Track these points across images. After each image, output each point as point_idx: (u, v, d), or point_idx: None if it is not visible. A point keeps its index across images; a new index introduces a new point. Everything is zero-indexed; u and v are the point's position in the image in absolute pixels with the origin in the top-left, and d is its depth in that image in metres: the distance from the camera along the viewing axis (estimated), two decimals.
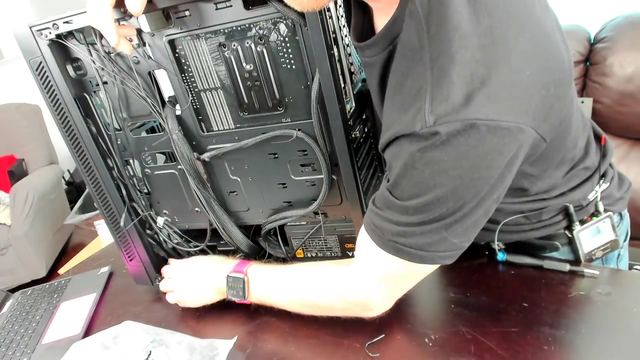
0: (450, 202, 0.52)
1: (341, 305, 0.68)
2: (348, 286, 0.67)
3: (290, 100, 0.67)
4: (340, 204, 0.73)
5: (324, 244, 0.78)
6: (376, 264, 0.62)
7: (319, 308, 0.71)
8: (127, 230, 0.83)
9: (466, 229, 0.55)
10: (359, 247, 0.64)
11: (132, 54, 0.69)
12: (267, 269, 0.75)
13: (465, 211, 0.53)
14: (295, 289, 0.72)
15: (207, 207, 0.77)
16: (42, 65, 0.71)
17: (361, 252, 0.64)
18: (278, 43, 0.63)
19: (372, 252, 0.61)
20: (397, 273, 0.62)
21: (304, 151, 0.70)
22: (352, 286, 0.66)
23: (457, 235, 0.56)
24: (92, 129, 0.76)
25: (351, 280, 0.66)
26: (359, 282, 0.65)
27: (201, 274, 0.80)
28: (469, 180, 0.50)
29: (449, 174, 0.50)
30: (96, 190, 0.81)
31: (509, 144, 0.49)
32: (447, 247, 0.56)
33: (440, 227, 0.54)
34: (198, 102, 0.71)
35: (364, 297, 0.66)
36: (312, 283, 0.71)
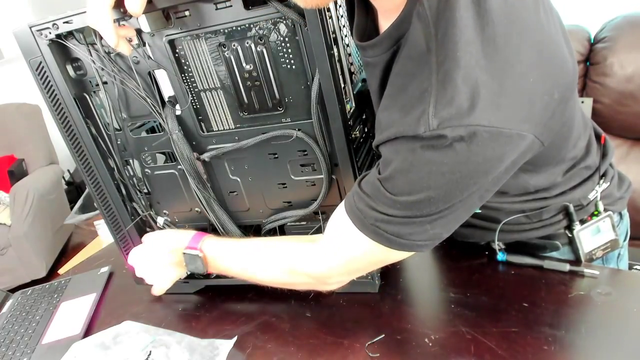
0: (440, 203, 0.52)
1: (300, 279, 0.69)
2: (310, 261, 0.67)
3: (290, 100, 0.67)
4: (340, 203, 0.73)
5: None
6: (349, 244, 0.62)
7: (277, 282, 0.73)
8: (127, 230, 0.83)
9: (450, 222, 0.56)
10: (333, 224, 0.64)
11: (132, 54, 0.68)
12: (221, 244, 0.76)
13: (453, 209, 0.54)
14: (253, 263, 0.73)
15: (207, 207, 0.77)
16: (42, 65, 0.71)
17: (334, 230, 0.64)
18: (278, 43, 0.63)
19: (347, 232, 0.60)
20: (368, 255, 0.61)
21: (304, 151, 0.70)
22: (314, 261, 0.67)
23: (439, 227, 0.56)
24: (92, 129, 0.76)
25: (314, 255, 0.67)
26: (323, 257, 0.66)
27: (158, 254, 0.80)
28: (463, 185, 0.50)
29: (446, 177, 0.50)
30: (96, 190, 0.81)
31: (510, 152, 0.49)
32: (427, 237, 0.57)
33: (425, 221, 0.55)
34: (198, 102, 0.71)
35: (325, 272, 0.66)
36: (270, 257, 0.71)
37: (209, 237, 0.77)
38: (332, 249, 0.64)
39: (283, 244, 0.72)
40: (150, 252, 0.80)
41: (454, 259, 0.82)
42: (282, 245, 0.72)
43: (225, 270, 0.76)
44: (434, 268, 0.79)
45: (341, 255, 0.64)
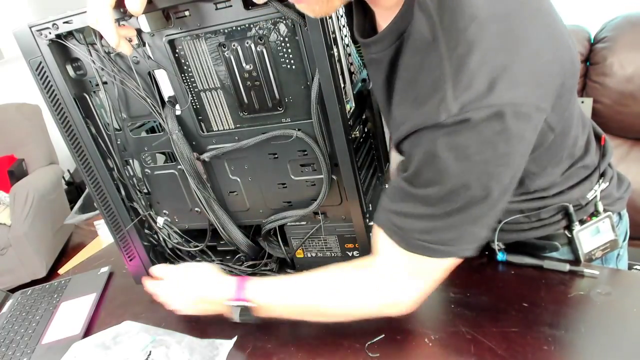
0: (473, 190, 0.52)
1: (374, 308, 0.66)
2: (378, 288, 0.64)
3: (290, 100, 0.67)
4: (340, 204, 0.73)
5: (324, 244, 0.78)
6: (403, 264, 0.61)
7: (348, 315, 0.67)
8: (127, 231, 0.83)
9: (488, 218, 0.56)
10: (380, 250, 0.63)
11: (132, 54, 0.68)
12: (269, 285, 0.71)
13: (487, 199, 0.53)
14: (315, 298, 0.68)
15: (207, 207, 0.77)
16: (42, 65, 0.71)
17: (384, 254, 0.62)
18: (278, 43, 0.63)
19: (396, 254, 0.60)
20: (425, 269, 0.61)
21: (303, 151, 0.70)
22: (383, 288, 0.64)
23: (480, 226, 0.56)
24: (92, 129, 0.76)
25: (380, 282, 0.64)
26: (388, 283, 0.63)
27: (201, 295, 0.75)
28: (492, 167, 0.50)
29: (473, 160, 0.50)
30: (96, 190, 0.81)
31: (530, 129, 0.50)
32: (471, 239, 0.57)
33: (464, 218, 0.54)
34: (198, 102, 0.71)
35: (397, 297, 0.64)
36: (335, 290, 0.67)
37: (251, 280, 0.71)
38: (392, 272, 0.63)
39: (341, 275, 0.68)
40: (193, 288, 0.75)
41: None
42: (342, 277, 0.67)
43: (281, 312, 0.70)
44: None
45: (402, 275, 0.62)
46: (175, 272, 0.79)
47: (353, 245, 0.76)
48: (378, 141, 0.82)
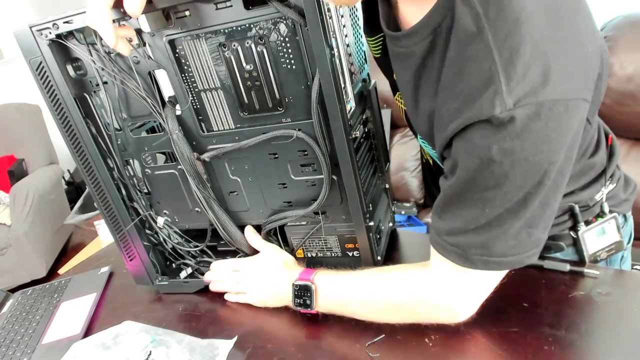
0: (530, 190, 0.51)
1: (426, 310, 0.65)
2: (435, 291, 0.64)
3: (290, 100, 0.67)
4: (340, 204, 0.73)
5: (324, 243, 0.78)
6: (463, 279, 0.61)
7: (399, 313, 0.67)
8: (127, 230, 0.83)
9: (544, 218, 0.55)
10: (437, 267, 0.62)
11: (132, 54, 0.69)
12: (337, 276, 0.71)
13: (543, 199, 0.52)
14: (374, 294, 0.68)
15: (207, 207, 0.77)
16: (42, 65, 0.71)
17: (443, 269, 0.62)
18: (278, 43, 0.63)
19: (455, 270, 0.59)
20: (486, 281, 0.61)
21: (304, 151, 0.70)
22: (439, 292, 0.63)
23: (538, 228, 0.55)
24: (92, 129, 0.76)
25: (438, 286, 0.63)
26: (446, 288, 0.63)
27: (269, 279, 0.77)
28: (547, 165, 0.49)
29: (530, 161, 0.49)
30: (96, 190, 0.81)
31: (580, 121, 0.50)
32: (532, 244, 0.56)
33: (522, 223, 0.53)
34: (198, 102, 0.71)
35: (452, 304, 0.63)
36: (394, 288, 0.67)
37: (322, 270, 0.73)
38: (452, 280, 0.62)
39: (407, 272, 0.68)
40: (264, 272, 0.78)
41: None
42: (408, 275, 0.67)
43: (338, 304, 0.70)
44: None
45: (461, 285, 0.62)
46: (252, 264, 0.79)
47: (353, 246, 0.76)
48: (378, 141, 0.82)
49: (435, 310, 0.64)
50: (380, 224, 0.80)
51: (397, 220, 1.25)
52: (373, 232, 0.74)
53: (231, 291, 0.82)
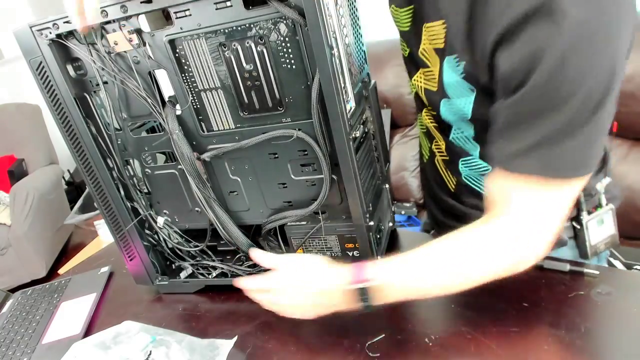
0: (602, 90, 0.52)
1: (511, 261, 0.62)
2: (518, 237, 0.60)
3: (290, 100, 0.67)
4: (340, 203, 0.73)
5: (324, 243, 0.78)
6: (539, 201, 0.58)
7: (481, 280, 0.62)
8: (127, 230, 0.83)
9: (606, 127, 0.56)
10: (511, 198, 0.60)
11: (132, 54, 0.69)
12: (389, 262, 0.64)
13: (608, 104, 0.53)
14: (452, 277, 0.63)
15: (207, 207, 0.77)
16: (43, 65, 0.71)
17: (518, 200, 0.60)
18: (278, 43, 0.63)
19: (529, 193, 0.58)
20: (564, 200, 0.59)
21: (304, 151, 0.70)
22: (522, 235, 0.60)
23: (603, 135, 0.56)
24: (92, 129, 0.76)
25: (520, 229, 0.60)
26: (527, 229, 0.60)
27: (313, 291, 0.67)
28: (616, 60, 0.52)
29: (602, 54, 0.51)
30: (96, 190, 0.81)
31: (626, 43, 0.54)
32: (596, 154, 0.57)
33: (592, 128, 0.54)
34: (198, 102, 0.71)
35: (535, 243, 0.60)
36: (473, 261, 0.62)
37: (368, 263, 0.65)
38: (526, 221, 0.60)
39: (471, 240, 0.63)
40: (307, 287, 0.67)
41: None
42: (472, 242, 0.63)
43: (413, 289, 0.64)
44: None
45: (534, 218, 0.59)
46: (286, 262, 0.70)
47: (353, 245, 0.76)
48: (378, 141, 0.82)
49: (520, 256, 0.62)
50: (380, 224, 0.80)
51: (397, 220, 1.24)
52: (373, 232, 0.74)
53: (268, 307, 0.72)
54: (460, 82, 0.66)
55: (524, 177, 0.58)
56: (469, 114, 0.67)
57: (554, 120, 0.54)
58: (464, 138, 0.75)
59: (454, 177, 0.84)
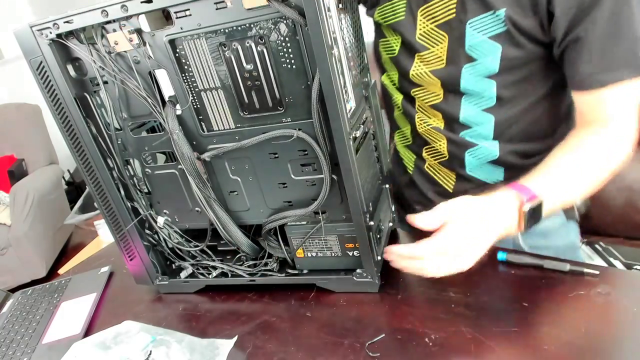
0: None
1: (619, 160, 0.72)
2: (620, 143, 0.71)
3: (290, 100, 0.67)
4: (340, 203, 0.73)
5: (324, 243, 0.78)
6: (630, 101, 0.70)
7: (603, 181, 0.72)
8: (127, 230, 0.83)
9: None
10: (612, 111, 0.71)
11: (133, 54, 0.69)
12: (544, 179, 0.69)
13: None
14: (589, 184, 0.72)
15: (208, 207, 0.77)
16: (43, 64, 0.71)
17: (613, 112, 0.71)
18: (278, 43, 0.63)
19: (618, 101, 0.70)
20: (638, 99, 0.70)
21: (304, 151, 0.70)
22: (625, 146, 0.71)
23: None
24: (92, 128, 0.77)
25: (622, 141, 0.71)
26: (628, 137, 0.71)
27: (482, 233, 0.65)
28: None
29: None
30: (97, 190, 0.81)
31: None
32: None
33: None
34: (198, 102, 0.71)
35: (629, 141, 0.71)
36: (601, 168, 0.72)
37: (526, 182, 0.68)
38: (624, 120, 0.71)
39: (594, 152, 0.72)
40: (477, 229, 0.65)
41: None
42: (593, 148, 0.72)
43: (559, 203, 0.72)
44: None
45: (634, 118, 0.71)
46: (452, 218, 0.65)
47: (353, 245, 0.76)
48: (378, 141, 0.82)
49: (624, 154, 0.72)
50: (381, 224, 0.80)
51: None
52: (373, 232, 0.74)
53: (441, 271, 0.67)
54: (486, 41, 0.73)
55: (616, 87, 0.69)
56: (497, 68, 0.74)
57: (630, 28, 0.65)
58: (478, 115, 0.80)
59: (453, 174, 0.85)
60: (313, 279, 0.80)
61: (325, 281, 0.79)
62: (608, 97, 0.70)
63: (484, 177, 0.85)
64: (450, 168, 0.87)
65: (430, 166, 0.91)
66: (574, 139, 0.74)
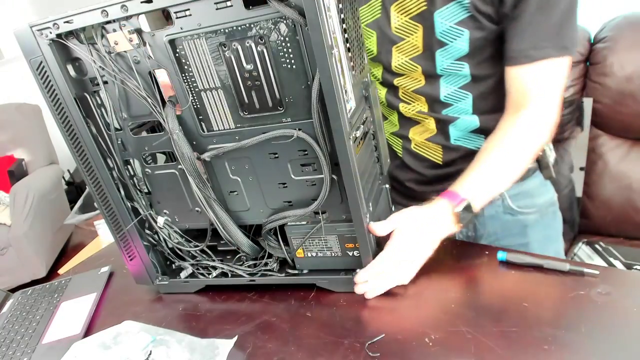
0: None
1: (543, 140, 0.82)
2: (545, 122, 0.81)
3: (290, 100, 0.67)
4: (340, 203, 0.73)
5: (324, 243, 0.78)
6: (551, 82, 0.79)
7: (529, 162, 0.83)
8: (127, 230, 0.83)
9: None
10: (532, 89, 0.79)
11: (133, 54, 0.69)
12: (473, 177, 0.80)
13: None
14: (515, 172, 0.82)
15: (208, 207, 0.77)
16: (43, 64, 0.71)
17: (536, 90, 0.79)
18: (278, 43, 0.63)
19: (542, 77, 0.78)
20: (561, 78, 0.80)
21: (304, 151, 0.70)
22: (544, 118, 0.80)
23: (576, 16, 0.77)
24: (92, 128, 0.76)
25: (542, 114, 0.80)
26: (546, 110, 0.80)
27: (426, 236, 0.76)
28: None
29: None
30: (97, 190, 0.81)
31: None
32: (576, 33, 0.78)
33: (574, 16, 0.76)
34: (198, 102, 0.71)
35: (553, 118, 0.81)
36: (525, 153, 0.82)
37: (455, 187, 0.79)
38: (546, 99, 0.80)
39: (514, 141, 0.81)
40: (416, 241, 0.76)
41: (454, 258, 0.82)
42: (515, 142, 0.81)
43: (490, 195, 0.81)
44: (434, 268, 0.79)
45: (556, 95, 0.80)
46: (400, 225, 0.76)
47: (353, 245, 0.76)
48: (378, 141, 0.82)
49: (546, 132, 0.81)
50: None
51: None
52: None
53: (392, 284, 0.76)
54: (453, 27, 0.80)
55: (542, 63, 0.77)
56: (467, 50, 0.81)
57: (558, 8, 0.74)
58: (456, 93, 0.88)
59: (440, 147, 0.95)
60: (313, 279, 0.80)
61: (326, 281, 0.79)
62: (533, 74, 0.78)
63: (468, 144, 0.93)
64: (436, 142, 0.95)
65: (417, 145, 0.97)
66: (499, 131, 0.83)
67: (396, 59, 0.88)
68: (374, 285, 0.75)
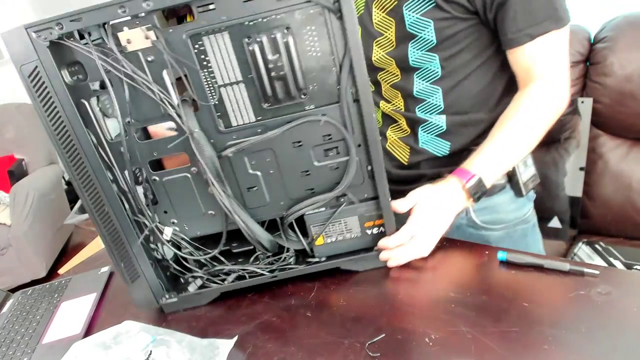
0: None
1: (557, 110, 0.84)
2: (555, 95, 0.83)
3: (314, 87, 0.67)
4: (361, 183, 0.75)
5: (344, 226, 0.78)
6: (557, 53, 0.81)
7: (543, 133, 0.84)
8: (131, 248, 0.78)
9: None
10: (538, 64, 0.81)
11: (147, 53, 0.65)
12: (483, 156, 0.82)
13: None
14: (527, 146, 0.84)
15: (229, 207, 0.74)
16: (38, 70, 0.65)
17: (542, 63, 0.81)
18: (305, 32, 0.63)
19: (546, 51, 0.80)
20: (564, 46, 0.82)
21: (328, 135, 0.71)
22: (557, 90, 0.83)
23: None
24: (93, 138, 0.71)
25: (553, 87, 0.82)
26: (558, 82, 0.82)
27: (443, 211, 0.82)
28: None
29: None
30: (96, 207, 0.77)
31: None
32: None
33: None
34: (217, 98, 0.69)
35: (566, 90, 0.83)
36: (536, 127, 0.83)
37: (466, 164, 0.83)
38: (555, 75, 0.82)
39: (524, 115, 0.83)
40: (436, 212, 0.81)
41: (454, 258, 0.82)
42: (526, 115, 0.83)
43: (502, 169, 0.87)
44: (434, 268, 0.79)
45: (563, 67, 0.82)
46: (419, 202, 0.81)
47: (372, 223, 0.78)
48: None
49: (560, 102, 0.84)
50: None
51: None
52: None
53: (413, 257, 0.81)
54: (420, 18, 0.82)
55: (543, 38, 0.78)
56: (435, 41, 0.83)
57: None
58: (428, 88, 0.90)
59: (408, 148, 0.98)
60: (335, 263, 0.80)
61: (350, 262, 0.80)
62: (537, 50, 0.80)
63: (433, 149, 0.96)
64: (406, 143, 0.98)
65: (390, 143, 1.01)
66: (510, 107, 0.85)
67: (375, 53, 0.92)
68: (397, 253, 0.79)
